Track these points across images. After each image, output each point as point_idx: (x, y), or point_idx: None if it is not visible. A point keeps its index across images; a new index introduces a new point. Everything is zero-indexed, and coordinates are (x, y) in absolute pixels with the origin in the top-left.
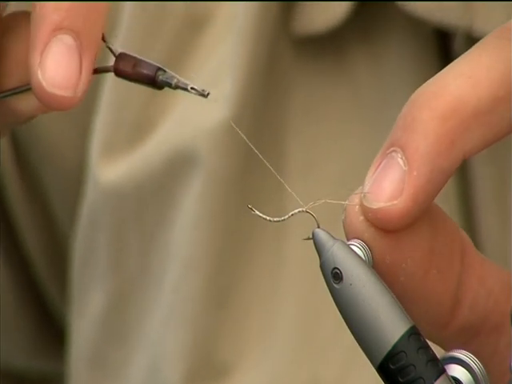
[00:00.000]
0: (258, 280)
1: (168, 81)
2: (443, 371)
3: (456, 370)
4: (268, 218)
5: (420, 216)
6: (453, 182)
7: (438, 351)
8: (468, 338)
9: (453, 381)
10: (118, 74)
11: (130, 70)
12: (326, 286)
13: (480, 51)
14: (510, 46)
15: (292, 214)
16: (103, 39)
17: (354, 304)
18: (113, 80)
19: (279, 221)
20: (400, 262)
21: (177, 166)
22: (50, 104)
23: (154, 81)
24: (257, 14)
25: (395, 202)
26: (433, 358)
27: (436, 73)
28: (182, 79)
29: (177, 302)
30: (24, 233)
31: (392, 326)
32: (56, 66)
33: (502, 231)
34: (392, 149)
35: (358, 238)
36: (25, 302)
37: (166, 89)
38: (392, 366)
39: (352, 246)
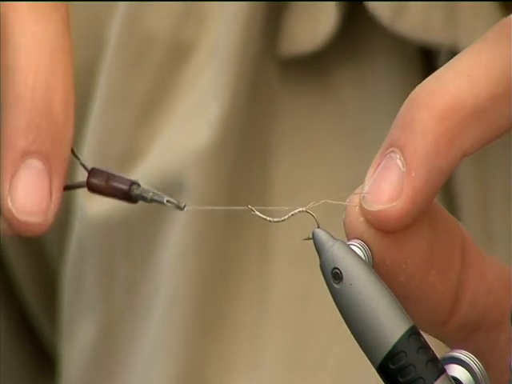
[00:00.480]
0: (245, 307)
1: (143, 194)
2: (443, 371)
3: (456, 370)
4: (268, 218)
5: (420, 216)
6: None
7: (438, 351)
8: (468, 334)
9: (453, 381)
10: (91, 189)
11: (104, 185)
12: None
13: (479, 49)
14: (509, 43)
15: (292, 214)
16: (73, 153)
17: (353, 304)
18: (100, 109)
19: (279, 221)
20: (400, 262)
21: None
22: (20, 230)
23: (129, 195)
24: (240, 38)
25: (394, 203)
26: (433, 358)
27: None
28: (157, 192)
29: (164, 333)
30: (14, 262)
31: (392, 326)
32: (26, 192)
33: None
34: (391, 149)
35: (358, 239)
36: (15, 332)
37: (154, 117)
38: (392, 366)
39: (352, 246)
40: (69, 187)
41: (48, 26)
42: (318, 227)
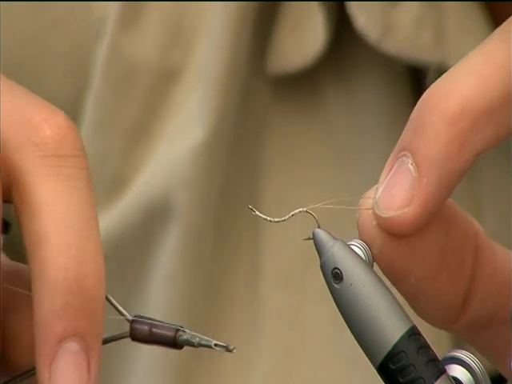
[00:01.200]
0: (234, 330)
1: (190, 340)
2: (443, 371)
3: (456, 370)
4: (268, 218)
5: (432, 219)
6: None
7: (438, 351)
8: (479, 329)
9: (453, 381)
10: (135, 339)
11: (148, 334)
12: (303, 330)
13: (490, 48)
14: None
15: (292, 214)
16: (111, 303)
17: (354, 304)
18: (88, 136)
19: (279, 221)
20: (411, 266)
21: (152, 220)
22: None
23: (175, 342)
24: (227, 57)
25: (405, 209)
26: (433, 358)
27: (411, 109)
28: (204, 337)
29: (155, 357)
30: None
31: (392, 326)
32: (66, 380)
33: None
34: (403, 153)
35: (371, 242)
36: None
37: (142, 141)
38: (392, 366)
39: (352, 246)
40: (110, 340)
41: (74, 193)
42: (319, 227)
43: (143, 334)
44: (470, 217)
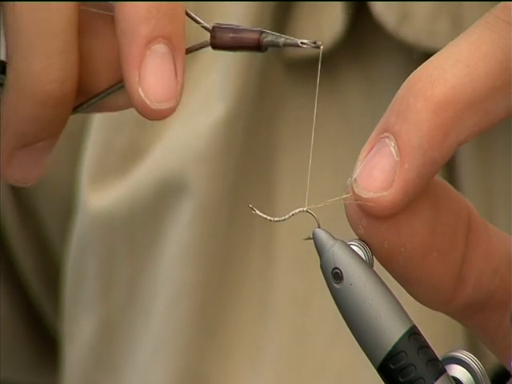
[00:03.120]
0: (246, 311)
1: (275, 40)
2: (443, 371)
3: (456, 370)
4: (269, 217)
5: (410, 203)
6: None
7: (438, 351)
8: (473, 312)
9: (453, 381)
10: (217, 46)
11: (230, 39)
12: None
13: (479, 36)
14: (509, 30)
15: (293, 214)
16: (189, 16)
17: (354, 304)
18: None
19: (280, 220)
20: (398, 246)
21: (166, 193)
22: (153, 117)
23: (259, 44)
24: None
25: (384, 193)
26: (433, 358)
27: None
28: (288, 37)
29: (166, 331)
30: (20, 256)
31: (392, 325)
32: (156, 80)
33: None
34: (385, 134)
35: (356, 221)
36: (23, 322)
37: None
38: (392, 366)
39: (352, 246)
40: (191, 50)
41: None
42: (319, 227)
43: (225, 39)
44: (462, 196)
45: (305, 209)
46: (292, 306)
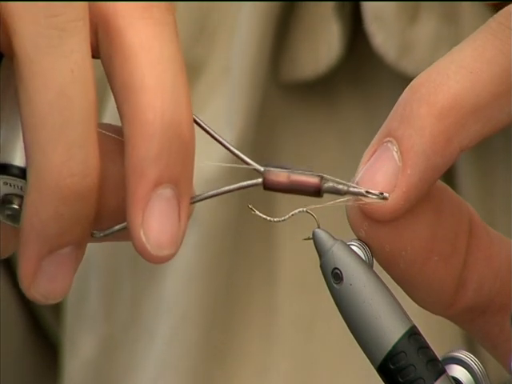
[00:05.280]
0: (251, 332)
1: (338, 187)
2: (443, 371)
3: (456, 370)
4: (269, 218)
5: (412, 207)
6: None
7: (438, 351)
8: (474, 316)
9: (453, 381)
10: (271, 188)
11: (288, 184)
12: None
13: (482, 42)
14: None
15: (292, 214)
16: (240, 159)
17: (354, 304)
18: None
19: (280, 221)
20: (399, 250)
21: None
22: (152, 261)
23: (319, 190)
24: (251, 61)
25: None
26: (433, 358)
27: None
28: (351, 184)
29: (170, 354)
30: None
31: (392, 326)
32: (159, 227)
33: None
34: (388, 138)
35: (358, 224)
36: (29, 334)
37: None
38: (392, 366)
39: (352, 246)
40: (240, 187)
41: (165, 38)
42: (319, 227)
43: (281, 183)
44: (465, 202)
45: (305, 209)
46: (296, 330)
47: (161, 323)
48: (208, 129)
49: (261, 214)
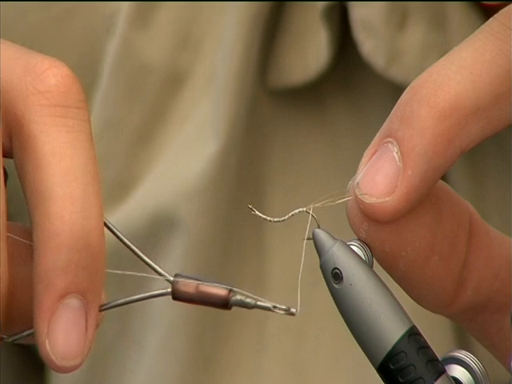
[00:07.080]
0: (242, 339)
1: (245, 301)
2: (443, 371)
3: (456, 370)
4: (268, 218)
5: (413, 208)
6: None
7: (439, 351)
8: (473, 315)
9: (453, 381)
10: (177, 298)
11: (195, 293)
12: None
13: (483, 42)
14: None
15: (292, 214)
16: (147, 264)
17: (354, 304)
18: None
19: (279, 221)
20: (399, 250)
21: (158, 228)
22: (57, 371)
23: (227, 302)
24: (237, 69)
25: (387, 198)
26: (433, 358)
27: None
28: (259, 298)
29: (160, 365)
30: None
31: (392, 326)
32: (65, 337)
33: None
34: (388, 139)
35: (358, 225)
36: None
37: (149, 145)
38: (392, 366)
39: (352, 246)
40: (149, 297)
41: (78, 146)
42: (319, 227)
43: (188, 292)
44: (465, 201)
45: (305, 209)
46: (288, 337)
47: (150, 335)
48: (119, 234)
49: (261, 214)
